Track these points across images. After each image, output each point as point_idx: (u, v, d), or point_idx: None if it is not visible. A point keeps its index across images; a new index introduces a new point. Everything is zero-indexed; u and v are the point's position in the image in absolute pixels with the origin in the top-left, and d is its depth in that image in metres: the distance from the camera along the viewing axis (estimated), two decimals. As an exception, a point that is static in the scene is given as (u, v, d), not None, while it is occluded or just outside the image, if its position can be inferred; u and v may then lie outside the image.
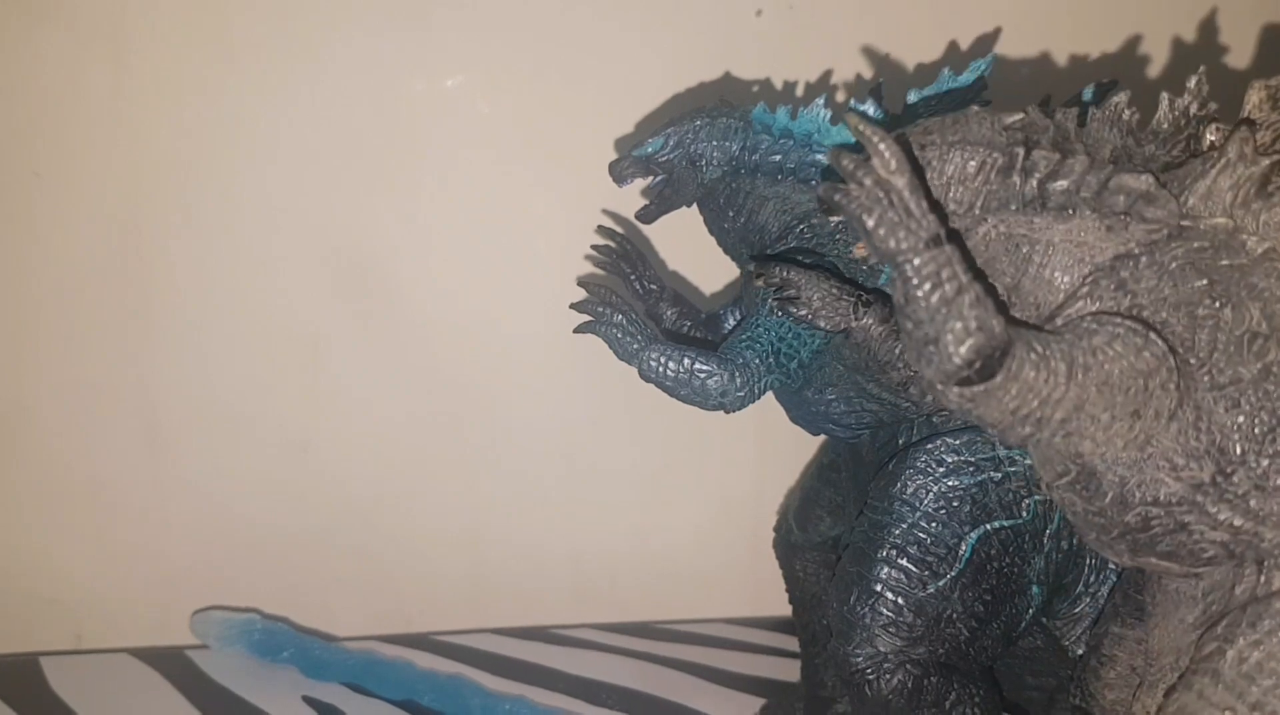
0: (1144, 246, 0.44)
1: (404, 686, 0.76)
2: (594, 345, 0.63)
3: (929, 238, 0.40)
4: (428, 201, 0.80)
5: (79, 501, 0.82)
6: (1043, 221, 0.45)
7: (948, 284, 0.40)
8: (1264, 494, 0.43)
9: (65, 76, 0.74)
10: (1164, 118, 0.47)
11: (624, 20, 0.78)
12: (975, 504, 0.57)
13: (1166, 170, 0.45)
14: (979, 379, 0.40)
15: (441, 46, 0.78)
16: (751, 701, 0.76)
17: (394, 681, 0.76)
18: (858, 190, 0.40)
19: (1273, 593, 0.44)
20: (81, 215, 0.77)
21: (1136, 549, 0.46)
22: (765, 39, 0.79)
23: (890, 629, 0.56)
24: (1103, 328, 0.42)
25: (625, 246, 0.73)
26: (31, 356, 0.79)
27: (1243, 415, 0.43)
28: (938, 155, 0.46)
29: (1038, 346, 0.41)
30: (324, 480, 0.84)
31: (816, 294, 0.58)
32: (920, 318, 0.40)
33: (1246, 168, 0.44)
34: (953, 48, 0.80)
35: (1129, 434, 0.43)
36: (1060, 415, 0.42)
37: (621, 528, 0.89)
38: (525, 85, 0.79)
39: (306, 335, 0.81)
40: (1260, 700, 0.42)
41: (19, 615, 0.84)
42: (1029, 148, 0.45)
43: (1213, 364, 0.43)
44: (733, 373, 0.60)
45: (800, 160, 0.63)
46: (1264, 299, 0.43)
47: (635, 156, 0.66)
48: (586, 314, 0.63)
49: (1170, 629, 0.48)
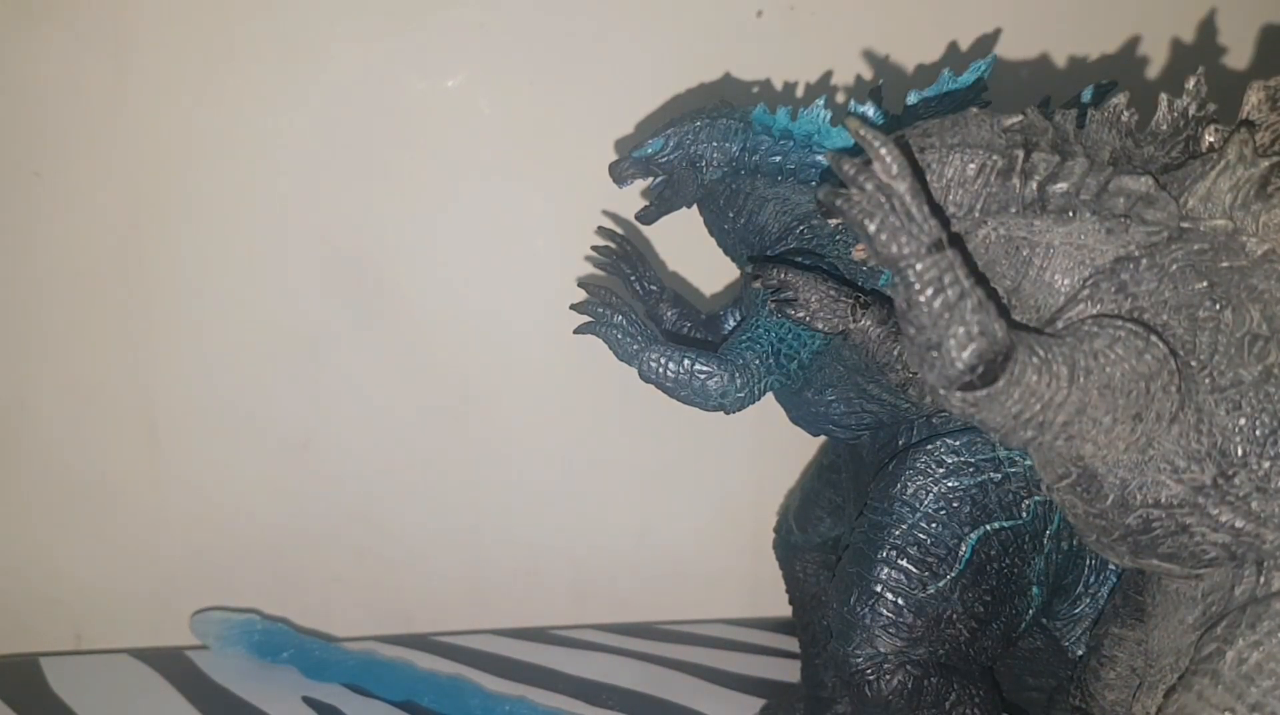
0: (1144, 249, 0.44)
1: (403, 687, 0.76)
2: (594, 346, 0.63)
3: (931, 242, 0.40)
4: (428, 201, 0.80)
5: (79, 501, 0.82)
6: (1043, 224, 0.45)
7: (950, 289, 0.40)
8: (1265, 496, 0.43)
9: (65, 76, 0.74)
10: (1163, 119, 0.47)
11: (624, 21, 0.78)
12: (975, 505, 0.57)
13: (1166, 172, 0.45)
14: (981, 384, 0.40)
15: (442, 46, 0.78)
16: (752, 702, 0.76)
17: (393, 682, 0.76)
18: (859, 195, 0.40)
19: (1272, 594, 0.44)
20: (82, 215, 0.77)
21: (1137, 551, 0.46)
22: (765, 40, 0.79)
23: (890, 630, 0.56)
24: (1104, 331, 0.43)
25: (625, 247, 0.73)
26: (32, 356, 0.79)
27: (1244, 417, 0.43)
28: (937, 158, 0.46)
29: (1039, 350, 0.41)
30: (324, 480, 0.84)
31: (814, 296, 0.58)
32: (923, 323, 0.40)
33: (1246, 169, 0.44)
34: (953, 48, 0.80)
35: (1130, 437, 0.43)
36: (1062, 418, 0.42)
37: (621, 528, 0.89)
38: (526, 85, 0.79)
39: (306, 335, 0.81)
40: (1260, 701, 0.42)
41: (19, 615, 0.84)
42: (1029, 150, 0.45)
43: (1214, 366, 0.43)
44: (733, 374, 0.60)
45: (800, 161, 0.63)
46: (1264, 301, 0.43)
47: (635, 157, 0.66)
48: (586, 315, 0.63)
49: (1170, 630, 0.48)
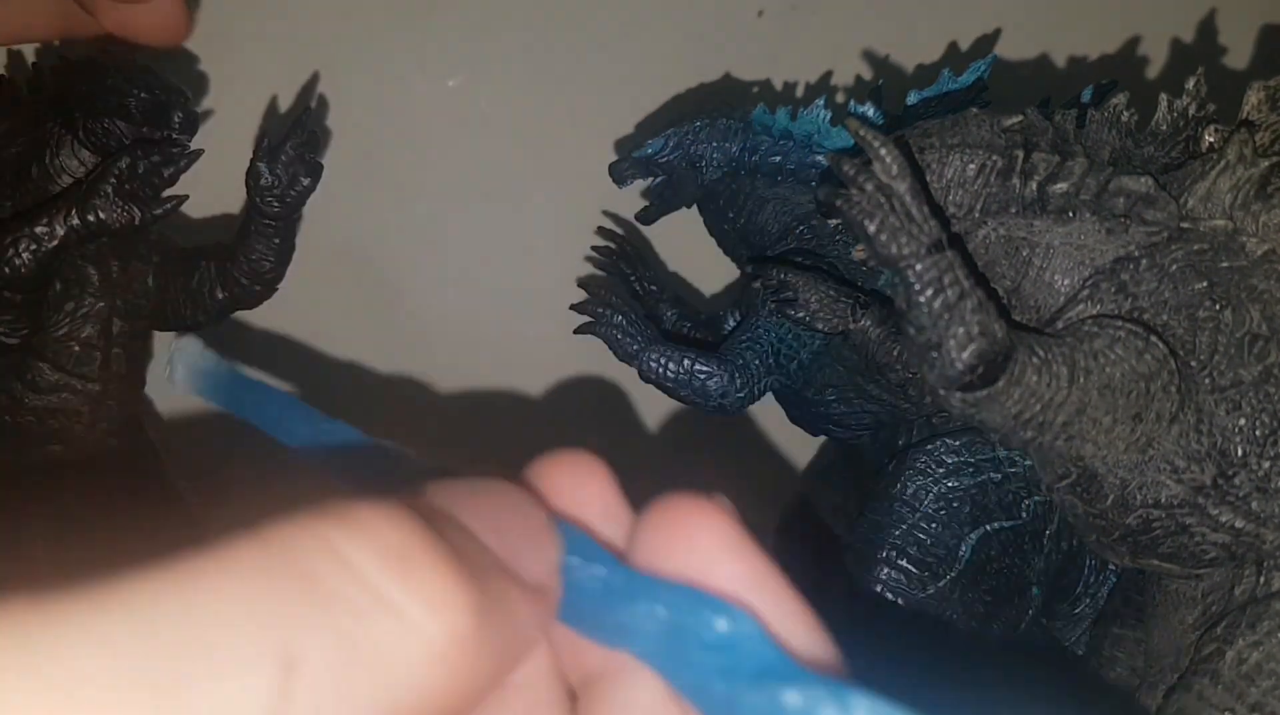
0: (1144, 249, 0.44)
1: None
2: (594, 346, 0.63)
3: (931, 243, 0.40)
4: (427, 201, 0.80)
5: (79, 502, 0.82)
6: (1042, 224, 0.45)
7: (950, 289, 0.40)
8: (1265, 496, 0.43)
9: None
10: (1163, 119, 0.47)
11: (624, 20, 0.78)
12: (975, 505, 0.57)
13: (1166, 172, 0.45)
14: (981, 384, 0.40)
15: (442, 46, 0.78)
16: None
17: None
18: (859, 195, 0.40)
19: (1272, 594, 0.44)
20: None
21: (1137, 551, 0.46)
22: (766, 40, 0.79)
23: (890, 630, 0.56)
24: (1104, 331, 0.43)
25: (625, 247, 0.73)
26: (31, 357, 0.79)
27: (1244, 417, 0.43)
28: (937, 158, 0.46)
29: (1039, 351, 0.41)
30: (324, 481, 0.84)
31: (814, 296, 0.58)
32: (923, 323, 0.40)
33: (1246, 169, 0.44)
34: (953, 49, 0.80)
35: (1130, 437, 0.43)
36: (1062, 419, 0.42)
37: (621, 527, 0.89)
38: (526, 85, 0.79)
39: (307, 334, 0.81)
40: (1259, 701, 0.42)
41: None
42: (1028, 150, 0.45)
43: (1213, 366, 0.43)
44: (733, 374, 0.60)
45: (800, 161, 0.63)
46: (1264, 301, 0.43)
47: (635, 158, 0.66)
48: (586, 315, 0.63)
49: (1170, 630, 0.48)
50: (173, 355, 0.56)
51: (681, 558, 0.22)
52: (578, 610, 0.22)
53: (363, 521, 0.18)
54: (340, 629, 0.17)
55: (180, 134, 0.61)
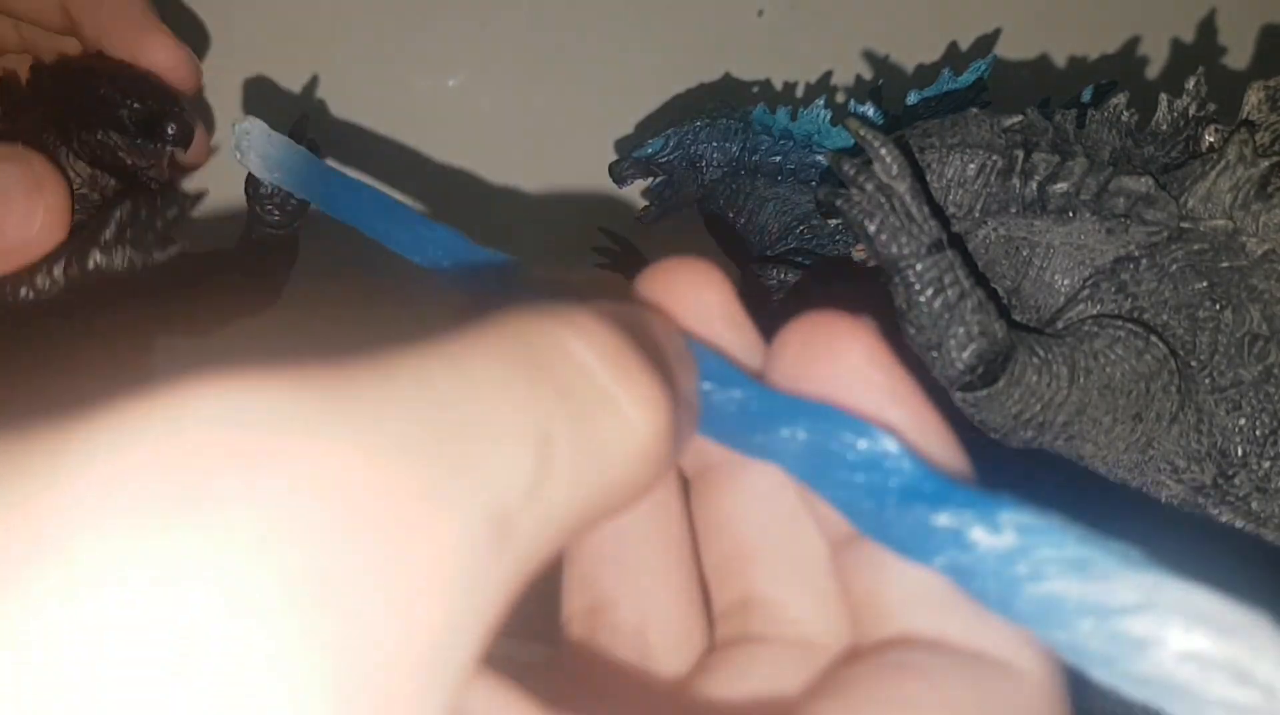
0: (1144, 249, 0.44)
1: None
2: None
3: (931, 243, 0.40)
4: (427, 201, 0.80)
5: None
6: (1043, 224, 0.45)
7: (950, 289, 0.40)
8: (1265, 496, 0.43)
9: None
10: (1163, 119, 0.47)
11: (624, 20, 0.78)
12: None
13: (1166, 172, 0.45)
14: (981, 384, 0.40)
15: (442, 46, 0.78)
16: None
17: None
18: (859, 195, 0.40)
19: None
20: (81, 216, 0.77)
21: (1137, 551, 0.46)
22: (766, 39, 0.79)
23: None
24: (1104, 331, 0.43)
25: (627, 247, 0.73)
26: (31, 358, 0.79)
27: (1244, 417, 0.43)
28: (937, 158, 0.46)
29: (1040, 351, 0.41)
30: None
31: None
32: (922, 323, 0.40)
33: (1246, 169, 0.44)
34: (953, 49, 0.80)
35: (1130, 437, 0.43)
36: (1062, 418, 0.42)
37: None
38: (526, 85, 0.79)
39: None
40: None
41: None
42: (1028, 150, 0.45)
43: (1213, 366, 0.43)
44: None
45: (800, 161, 0.63)
46: (1264, 301, 0.43)
47: (635, 158, 0.66)
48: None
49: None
50: (239, 139, 0.54)
51: (827, 377, 0.22)
52: (714, 429, 0.23)
53: (585, 324, 0.19)
54: (576, 417, 0.18)
55: (174, 145, 0.61)
